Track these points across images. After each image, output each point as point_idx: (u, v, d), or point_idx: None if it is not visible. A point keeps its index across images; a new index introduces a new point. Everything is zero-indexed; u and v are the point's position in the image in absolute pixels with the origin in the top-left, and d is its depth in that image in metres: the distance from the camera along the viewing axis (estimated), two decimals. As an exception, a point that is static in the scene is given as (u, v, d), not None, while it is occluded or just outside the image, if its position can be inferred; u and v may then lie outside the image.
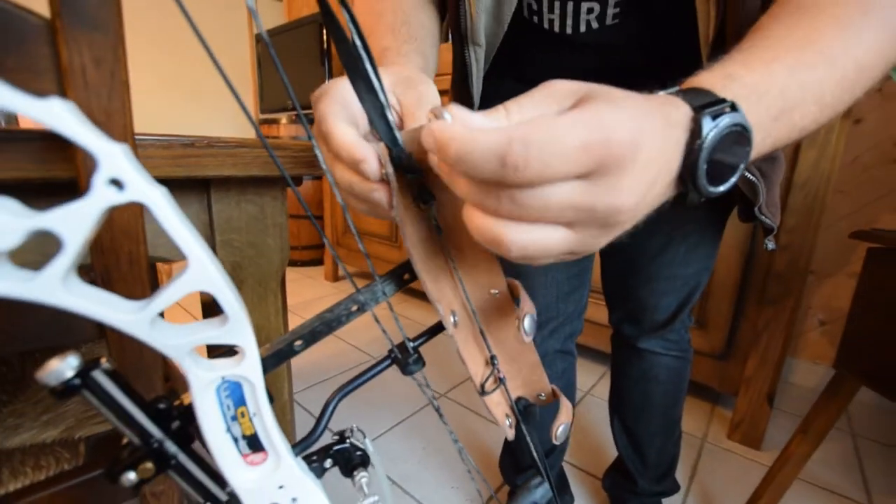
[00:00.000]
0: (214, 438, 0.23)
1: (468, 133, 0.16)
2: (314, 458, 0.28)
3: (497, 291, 0.27)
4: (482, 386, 0.28)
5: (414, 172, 0.23)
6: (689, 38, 0.40)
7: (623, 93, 0.19)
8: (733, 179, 0.23)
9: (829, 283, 1.37)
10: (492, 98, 0.56)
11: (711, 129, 0.20)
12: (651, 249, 0.56)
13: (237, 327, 0.20)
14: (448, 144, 0.17)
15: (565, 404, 0.31)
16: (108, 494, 0.35)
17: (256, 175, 0.43)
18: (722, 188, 0.22)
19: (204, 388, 0.22)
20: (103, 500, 0.35)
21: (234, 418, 0.23)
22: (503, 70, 0.54)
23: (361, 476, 0.28)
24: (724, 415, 1.22)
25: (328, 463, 0.28)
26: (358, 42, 0.20)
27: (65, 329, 0.31)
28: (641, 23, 0.44)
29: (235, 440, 0.23)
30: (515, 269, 0.56)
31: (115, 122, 0.27)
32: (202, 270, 0.18)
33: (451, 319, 0.26)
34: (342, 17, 0.19)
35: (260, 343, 0.25)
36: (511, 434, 0.29)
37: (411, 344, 0.28)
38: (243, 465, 0.24)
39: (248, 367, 0.22)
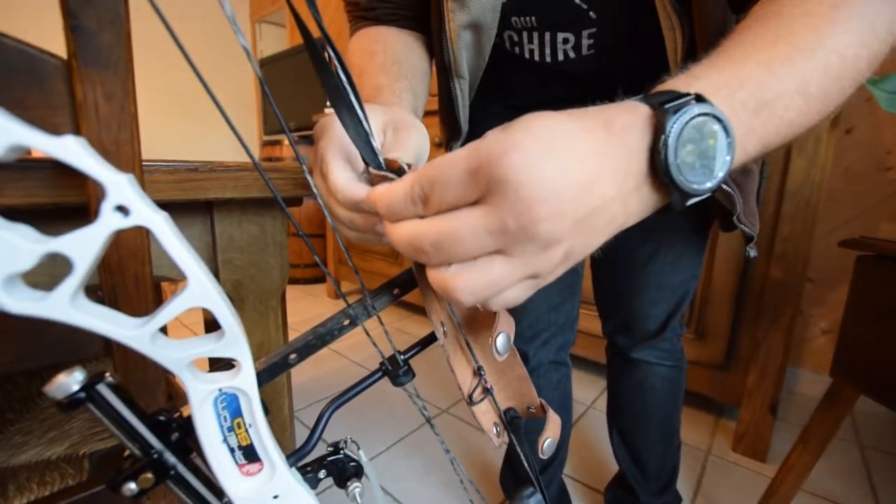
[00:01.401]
0: (212, 449, 0.24)
1: (387, 190, 0.20)
2: (308, 468, 0.28)
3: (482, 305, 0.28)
4: (470, 396, 0.29)
5: None
6: (663, 66, 0.42)
7: (550, 113, 0.20)
8: (721, 175, 0.21)
9: (830, 292, 1.37)
10: (480, 121, 0.59)
11: (674, 121, 0.19)
12: (640, 259, 0.57)
13: (233, 341, 0.22)
14: (378, 204, 0.21)
15: (552, 419, 0.31)
16: (111, 509, 0.36)
17: (256, 197, 0.45)
18: (709, 184, 0.21)
19: (202, 400, 0.23)
20: (106, 515, 0.35)
21: (231, 429, 0.24)
22: (490, 95, 0.56)
23: (355, 486, 0.29)
24: (728, 427, 1.20)
25: (322, 473, 0.29)
26: (342, 75, 0.21)
27: (73, 347, 0.32)
28: (616, 53, 0.47)
29: (232, 450, 0.25)
30: None
31: (124, 151, 0.29)
32: (200, 288, 0.20)
33: (442, 330, 0.27)
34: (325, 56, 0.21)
35: (260, 359, 0.26)
36: (497, 442, 0.30)
37: (401, 357, 0.29)
38: (239, 475, 0.25)
39: (244, 380, 0.23)
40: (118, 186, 0.18)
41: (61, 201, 0.31)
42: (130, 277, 0.31)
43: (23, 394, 0.51)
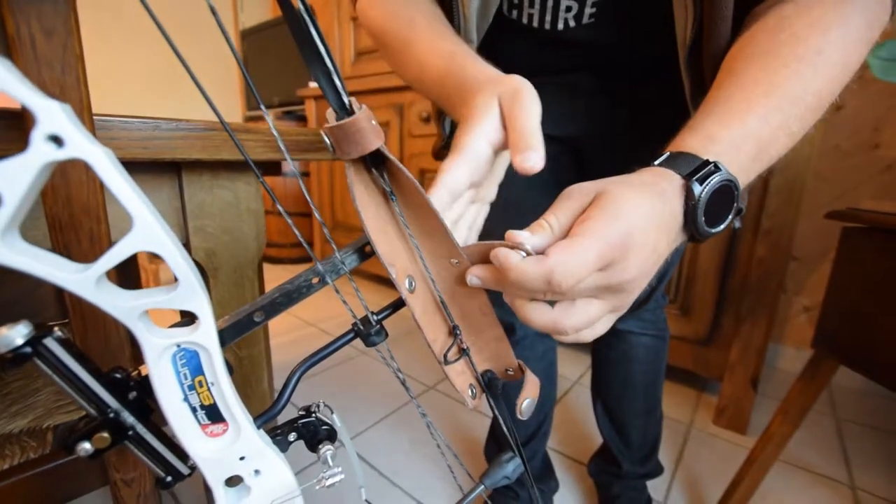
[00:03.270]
0: (171, 408, 0.23)
1: (521, 266, 0.23)
2: (278, 431, 0.28)
3: (457, 261, 0.27)
4: (444, 355, 0.28)
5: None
6: (666, 38, 0.41)
7: (626, 188, 0.25)
8: (730, 217, 0.29)
9: (813, 270, 1.39)
10: None
11: (701, 191, 0.26)
12: None
13: (188, 292, 0.20)
14: (507, 273, 0.24)
15: (531, 379, 0.31)
16: (77, 481, 0.34)
17: (228, 159, 0.43)
18: (721, 226, 0.28)
19: (158, 356, 0.22)
20: (71, 487, 0.34)
21: (192, 388, 0.23)
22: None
23: (326, 449, 0.28)
24: (709, 401, 1.23)
25: (292, 436, 0.28)
26: (304, 11, 0.20)
27: (27, 310, 0.30)
28: (618, 24, 0.45)
29: (194, 410, 0.23)
30: None
31: (70, 96, 0.26)
32: (148, 230, 0.18)
33: (406, 283, 0.26)
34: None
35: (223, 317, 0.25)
36: (472, 404, 0.29)
37: (374, 317, 0.28)
38: (202, 435, 0.24)
39: (204, 335, 0.22)
40: (50, 113, 0.16)
41: (2, 155, 0.29)
42: (85, 236, 0.29)
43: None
